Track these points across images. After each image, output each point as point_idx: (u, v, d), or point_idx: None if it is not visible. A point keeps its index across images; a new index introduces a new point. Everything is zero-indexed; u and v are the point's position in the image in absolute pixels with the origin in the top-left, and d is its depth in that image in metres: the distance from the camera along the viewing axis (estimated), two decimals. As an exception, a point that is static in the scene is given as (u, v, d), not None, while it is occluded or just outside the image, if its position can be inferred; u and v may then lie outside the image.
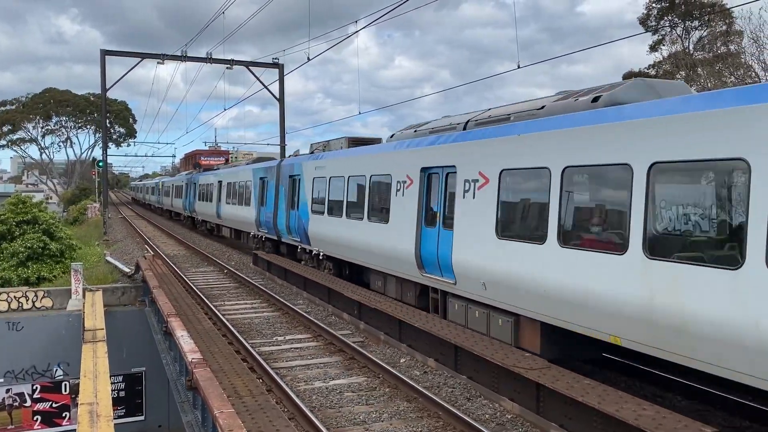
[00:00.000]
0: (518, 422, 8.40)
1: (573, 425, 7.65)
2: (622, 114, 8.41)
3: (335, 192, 17.58)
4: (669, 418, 6.80)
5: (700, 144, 7.18)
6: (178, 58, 38.71)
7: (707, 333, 6.92)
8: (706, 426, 6.66)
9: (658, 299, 7.49)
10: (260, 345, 12.49)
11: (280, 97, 41.09)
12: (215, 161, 70.20)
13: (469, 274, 11.26)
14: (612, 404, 7.21)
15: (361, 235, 15.68)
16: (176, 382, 12.47)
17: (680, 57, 40.76)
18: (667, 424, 6.62)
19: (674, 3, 42.25)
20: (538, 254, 9.50)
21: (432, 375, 10.43)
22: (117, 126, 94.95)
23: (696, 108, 7.41)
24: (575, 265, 8.79)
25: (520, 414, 8.56)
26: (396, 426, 8.32)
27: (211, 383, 8.48)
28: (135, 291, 21.59)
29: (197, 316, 13.48)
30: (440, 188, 12.62)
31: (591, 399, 7.39)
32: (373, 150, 16.51)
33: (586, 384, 8.02)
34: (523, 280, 9.78)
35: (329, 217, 17.76)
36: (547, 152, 9.50)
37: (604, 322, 8.32)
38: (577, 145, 8.95)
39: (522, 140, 10.18)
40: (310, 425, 8.14)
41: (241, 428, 6.85)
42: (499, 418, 8.58)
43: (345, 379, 10.37)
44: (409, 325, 11.71)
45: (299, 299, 17.47)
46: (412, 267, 13.24)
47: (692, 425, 6.63)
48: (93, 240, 38.75)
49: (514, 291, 10.03)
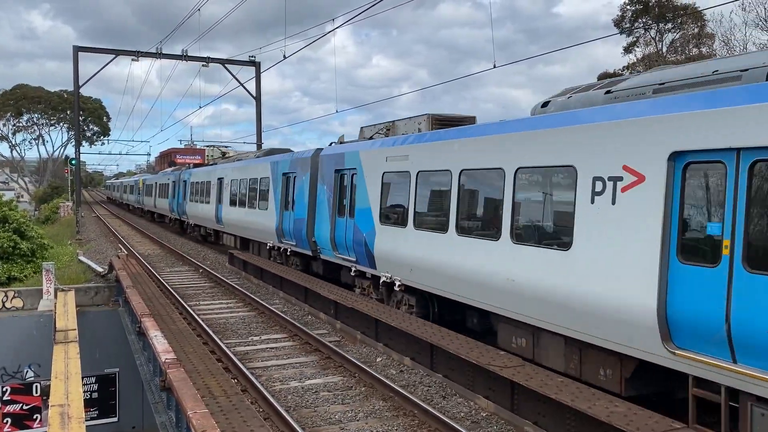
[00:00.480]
0: (493, 420, 8.46)
1: (547, 422, 7.73)
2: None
3: (429, 195, 12.54)
4: (640, 415, 6.90)
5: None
6: (153, 55, 38.32)
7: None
8: (675, 422, 6.78)
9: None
10: (235, 345, 12.41)
11: (257, 95, 40.88)
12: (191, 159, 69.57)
13: None
14: (585, 401, 7.30)
15: (490, 260, 10.37)
16: (150, 382, 12.34)
17: (654, 59, 41.38)
18: (638, 420, 6.72)
19: (648, 5, 42.87)
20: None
21: (408, 374, 10.46)
22: (91, 124, 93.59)
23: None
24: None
25: (495, 412, 8.62)
26: (372, 425, 8.33)
27: (185, 384, 8.40)
28: (108, 291, 21.30)
29: (171, 316, 13.35)
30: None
31: (564, 396, 7.48)
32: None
33: (560, 381, 8.11)
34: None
35: (418, 231, 12.51)
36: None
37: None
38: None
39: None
40: (286, 425, 8.10)
41: (214, 429, 6.80)
42: (474, 416, 8.64)
43: (321, 379, 10.34)
44: (385, 324, 11.72)
45: (275, 299, 17.39)
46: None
47: (662, 421, 6.74)
48: (65, 239, 38.13)
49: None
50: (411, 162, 12.90)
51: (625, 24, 44.06)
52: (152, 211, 49.29)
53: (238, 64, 40.32)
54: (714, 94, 7.06)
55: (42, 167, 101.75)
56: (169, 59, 39.30)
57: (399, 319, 11.74)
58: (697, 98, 7.21)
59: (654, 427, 6.53)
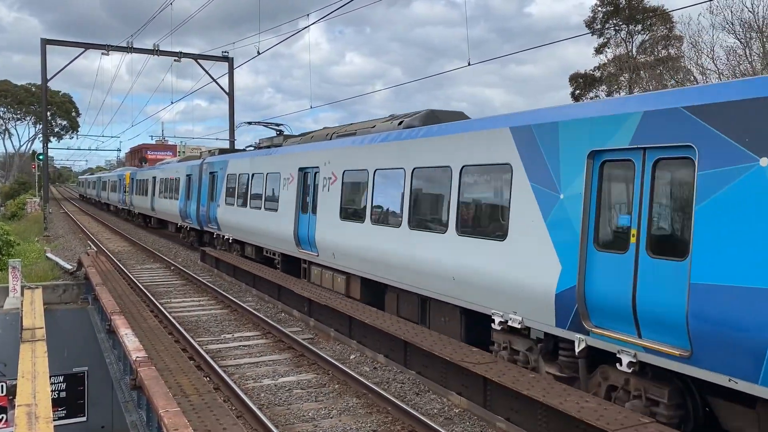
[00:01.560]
0: (466, 416, 8.52)
1: (519, 418, 7.82)
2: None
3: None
4: (610, 410, 7.02)
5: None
6: (124, 49, 37.74)
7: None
8: (644, 417, 6.91)
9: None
10: (208, 343, 12.30)
11: (230, 91, 40.52)
12: (162, 155, 68.71)
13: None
14: (556, 397, 7.40)
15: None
16: (120, 381, 12.17)
17: (624, 60, 42.01)
18: (608, 415, 6.83)
19: (619, 7, 43.50)
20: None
21: (382, 371, 10.48)
22: (59, 118, 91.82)
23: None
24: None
25: (467, 408, 8.68)
26: (345, 422, 8.33)
27: (156, 382, 8.31)
28: (77, 289, 20.92)
29: (142, 314, 13.18)
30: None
31: (536, 392, 7.57)
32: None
33: (531, 378, 8.20)
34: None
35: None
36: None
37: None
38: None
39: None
40: (259, 423, 8.07)
41: (186, 427, 6.74)
42: (447, 412, 8.69)
43: (294, 377, 10.31)
44: (359, 322, 11.73)
45: (248, 296, 17.27)
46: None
47: (631, 416, 6.86)
48: (33, 236, 37.33)
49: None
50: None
51: (597, 25, 44.69)
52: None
53: (211, 60, 39.94)
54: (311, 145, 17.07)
55: (8, 162, 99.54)
56: (141, 54, 38.71)
57: (373, 316, 11.76)
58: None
59: (623, 422, 6.65)
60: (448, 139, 11.10)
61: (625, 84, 41.14)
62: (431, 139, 11.56)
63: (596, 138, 7.92)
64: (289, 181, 17.72)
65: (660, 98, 7.41)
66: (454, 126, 11.36)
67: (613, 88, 42.45)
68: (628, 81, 40.65)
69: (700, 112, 6.76)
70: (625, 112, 7.63)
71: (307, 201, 17.56)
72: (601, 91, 44.51)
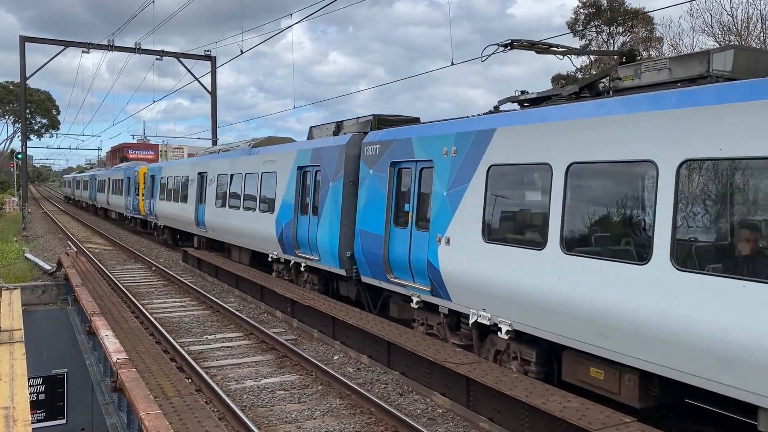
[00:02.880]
0: (449, 416, 8.53)
1: (502, 418, 7.84)
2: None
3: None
4: (592, 410, 7.06)
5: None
6: (105, 47, 37.28)
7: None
8: (626, 416, 6.96)
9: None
10: (189, 344, 12.20)
11: (212, 90, 40.22)
12: (144, 155, 68.06)
13: None
14: (539, 397, 7.43)
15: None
16: (100, 383, 12.02)
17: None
18: (590, 415, 6.87)
19: (600, 9, 43.85)
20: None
21: (365, 371, 10.46)
22: (38, 117, 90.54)
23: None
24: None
25: (451, 408, 8.69)
26: (328, 423, 8.30)
27: (137, 384, 8.21)
28: (56, 289, 20.63)
29: (123, 315, 13.04)
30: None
31: (519, 392, 7.59)
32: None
33: (515, 378, 8.23)
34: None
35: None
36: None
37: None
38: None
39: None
40: (241, 425, 8.01)
41: (168, 430, 6.67)
42: (431, 412, 8.69)
43: (277, 378, 10.26)
44: (342, 322, 11.70)
45: (231, 297, 17.16)
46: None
47: (613, 416, 6.91)
48: (11, 236, 36.78)
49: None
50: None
51: (579, 27, 45.01)
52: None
53: (194, 59, 39.57)
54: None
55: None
56: (122, 52, 38.30)
57: (356, 317, 11.73)
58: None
59: (605, 421, 6.69)
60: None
61: (606, 85, 41.43)
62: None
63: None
64: None
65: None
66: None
67: (594, 89, 42.72)
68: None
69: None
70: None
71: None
72: (583, 93, 44.81)
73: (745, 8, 28.59)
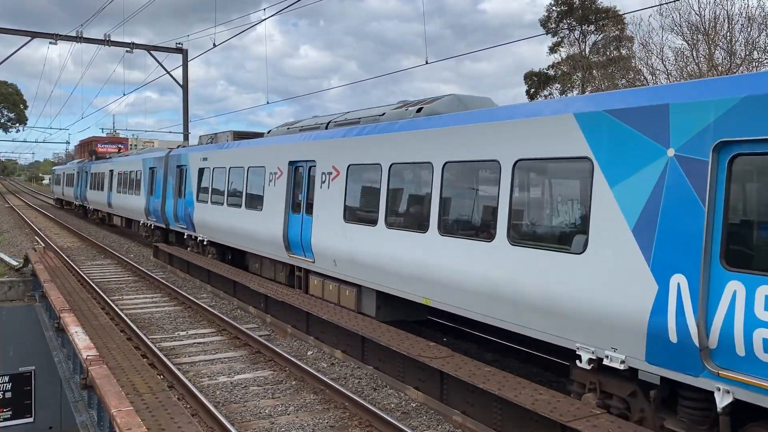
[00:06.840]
0: (423, 410, 8.59)
1: (475, 411, 7.92)
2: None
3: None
4: (563, 402, 7.18)
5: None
6: (74, 39, 36.57)
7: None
8: (596, 408, 7.09)
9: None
10: (161, 340, 12.08)
11: (184, 84, 39.74)
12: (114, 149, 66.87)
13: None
14: (511, 390, 7.52)
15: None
16: (69, 380, 11.86)
17: (577, 59, 42.84)
18: (560, 407, 6.98)
19: (572, 7, 44.31)
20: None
21: (339, 366, 10.47)
22: (5, 110, 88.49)
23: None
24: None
25: (424, 402, 8.75)
26: (302, 418, 8.30)
27: (108, 381, 8.11)
28: (24, 285, 20.26)
29: (93, 312, 12.84)
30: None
31: (491, 386, 7.68)
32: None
33: (487, 371, 8.32)
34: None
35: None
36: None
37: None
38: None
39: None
40: (214, 421, 7.96)
41: (140, 426, 6.61)
42: (405, 406, 8.74)
43: (250, 374, 10.22)
44: (316, 318, 11.69)
45: (203, 293, 17.02)
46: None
47: (583, 408, 7.04)
48: (-25, 231, 35.92)
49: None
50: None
51: (551, 24, 45.43)
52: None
53: (165, 51, 39.05)
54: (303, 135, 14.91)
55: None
56: (91, 44, 37.60)
57: (330, 312, 11.73)
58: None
59: (576, 413, 6.81)
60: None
61: (578, 83, 41.93)
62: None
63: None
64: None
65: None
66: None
67: (566, 86, 43.23)
68: (581, 80, 41.46)
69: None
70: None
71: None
72: (555, 90, 45.30)
73: (712, 8, 29.04)
